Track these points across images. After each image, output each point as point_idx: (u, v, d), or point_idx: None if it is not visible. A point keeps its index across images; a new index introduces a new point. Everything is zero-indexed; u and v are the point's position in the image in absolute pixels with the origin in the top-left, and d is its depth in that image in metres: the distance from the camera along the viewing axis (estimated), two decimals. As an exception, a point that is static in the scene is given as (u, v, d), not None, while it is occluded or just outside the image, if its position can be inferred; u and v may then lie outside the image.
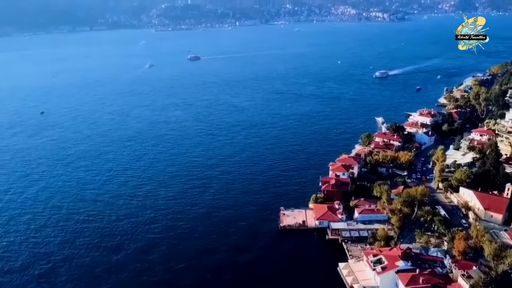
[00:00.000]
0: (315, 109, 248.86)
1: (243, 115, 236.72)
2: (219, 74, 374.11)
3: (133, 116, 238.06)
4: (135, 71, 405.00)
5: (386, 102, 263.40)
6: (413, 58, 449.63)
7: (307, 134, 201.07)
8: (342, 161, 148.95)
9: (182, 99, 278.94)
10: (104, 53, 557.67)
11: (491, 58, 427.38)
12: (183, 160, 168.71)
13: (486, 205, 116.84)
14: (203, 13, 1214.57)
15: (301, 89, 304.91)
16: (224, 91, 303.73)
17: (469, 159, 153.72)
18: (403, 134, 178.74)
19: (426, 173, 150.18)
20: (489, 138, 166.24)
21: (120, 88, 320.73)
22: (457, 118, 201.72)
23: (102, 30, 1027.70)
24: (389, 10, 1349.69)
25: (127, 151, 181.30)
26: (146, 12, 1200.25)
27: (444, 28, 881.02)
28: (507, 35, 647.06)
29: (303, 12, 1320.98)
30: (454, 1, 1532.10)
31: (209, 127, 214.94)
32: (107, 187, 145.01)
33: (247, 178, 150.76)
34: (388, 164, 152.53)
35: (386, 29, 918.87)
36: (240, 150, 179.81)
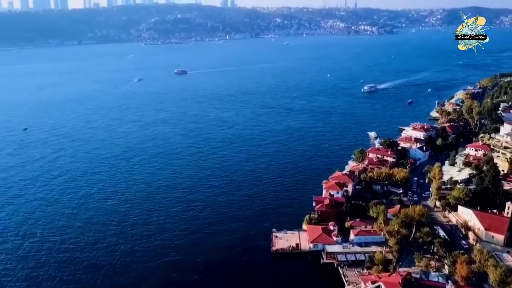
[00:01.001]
0: (306, 124, 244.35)
1: (233, 130, 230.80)
2: (208, 88, 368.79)
3: (119, 132, 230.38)
4: (123, 85, 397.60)
5: (378, 116, 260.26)
6: (403, 71, 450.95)
7: (298, 150, 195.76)
8: (335, 178, 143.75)
9: (170, 114, 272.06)
10: (92, 67, 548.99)
11: (480, 71, 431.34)
12: (169, 181, 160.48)
13: (486, 225, 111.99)
14: (193, 27, 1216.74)
15: (292, 103, 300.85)
16: (213, 105, 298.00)
17: (465, 175, 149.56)
18: (397, 150, 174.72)
19: (422, 191, 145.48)
20: (484, 153, 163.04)
21: (107, 103, 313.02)
22: (450, 132, 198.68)
23: (91, 44, 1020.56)
24: (377, 23, 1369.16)
25: (111, 170, 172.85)
26: (136, 26, 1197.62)
27: (431, 41, 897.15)
28: (494, 48, 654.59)
29: (293, 25, 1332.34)
30: (440, 15, 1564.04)
31: (198, 143, 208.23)
32: (88, 211, 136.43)
33: (237, 199, 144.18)
34: (383, 181, 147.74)
35: (375, 42, 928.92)
36: (229, 168, 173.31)
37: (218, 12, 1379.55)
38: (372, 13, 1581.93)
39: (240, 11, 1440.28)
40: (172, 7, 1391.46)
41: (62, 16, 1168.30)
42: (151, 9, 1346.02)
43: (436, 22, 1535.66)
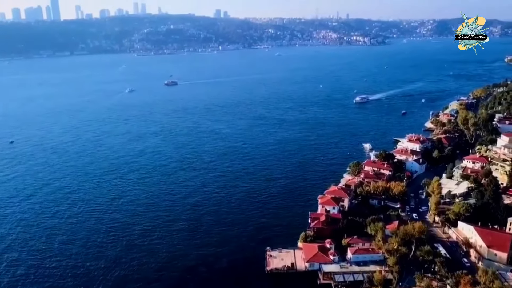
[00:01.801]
0: (300, 135, 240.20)
1: (225, 143, 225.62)
2: (200, 100, 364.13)
3: (108, 145, 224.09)
4: (114, 96, 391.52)
5: (372, 127, 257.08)
6: (396, 81, 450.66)
7: (293, 162, 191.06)
8: (331, 193, 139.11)
9: (161, 126, 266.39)
10: (83, 78, 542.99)
11: (472, 81, 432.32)
12: (159, 198, 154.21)
13: (488, 242, 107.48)
14: (186, 38, 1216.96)
15: (285, 115, 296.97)
16: (205, 117, 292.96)
17: (464, 188, 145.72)
18: (393, 162, 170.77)
19: (419, 205, 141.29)
20: (482, 165, 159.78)
21: (97, 115, 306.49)
22: (446, 144, 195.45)
23: (83, 55, 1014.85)
24: (369, 34, 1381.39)
25: (98, 187, 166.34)
26: (128, 37, 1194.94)
27: (423, 51, 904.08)
28: (485, 59, 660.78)
29: (286, 36, 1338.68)
30: (431, 26, 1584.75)
31: (189, 157, 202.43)
32: (69, 230, 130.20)
33: (229, 215, 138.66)
34: (380, 195, 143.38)
35: (367, 52, 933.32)
36: (222, 183, 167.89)
37: (211, 23, 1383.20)
38: (364, 23, 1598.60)
39: (233, 22, 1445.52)
40: (165, 18, 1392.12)
41: (54, 27, 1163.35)
42: (144, 20, 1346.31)
43: (427, 33, 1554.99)
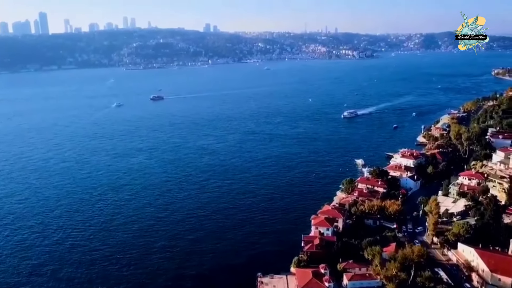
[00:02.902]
0: (291, 150, 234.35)
1: (214, 159, 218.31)
2: (188, 114, 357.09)
3: (91, 163, 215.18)
4: (100, 111, 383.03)
5: (364, 142, 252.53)
6: (386, 95, 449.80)
7: (284, 180, 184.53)
8: (324, 213, 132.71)
9: (147, 143, 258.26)
10: (69, 93, 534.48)
11: (461, 95, 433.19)
12: (143, 219, 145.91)
13: (492, 266, 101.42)
14: (175, 52, 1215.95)
15: (275, 129, 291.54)
16: (193, 132, 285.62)
17: (461, 207, 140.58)
18: (387, 179, 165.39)
19: (416, 225, 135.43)
20: (478, 182, 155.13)
21: (81, 131, 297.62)
22: (440, 159, 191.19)
23: (71, 69, 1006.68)
24: (358, 48, 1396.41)
25: (79, 207, 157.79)
26: (117, 51, 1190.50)
27: (411, 64, 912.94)
28: (473, 72, 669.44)
29: (275, 50, 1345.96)
30: (418, 40, 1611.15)
31: (176, 174, 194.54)
32: (44, 259, 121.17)
33: (217, 237, 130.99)
34: (375, 215, 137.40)
35: (356, 66, 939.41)
36: (210, 202, 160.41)
37: (200, 37, 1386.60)
38: (353, 37, 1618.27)
39: (222, 36, 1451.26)
40: (155, 32, 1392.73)
41: (42, 41, 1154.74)
42: (133, 34, 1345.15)
43: (414, 46, 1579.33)
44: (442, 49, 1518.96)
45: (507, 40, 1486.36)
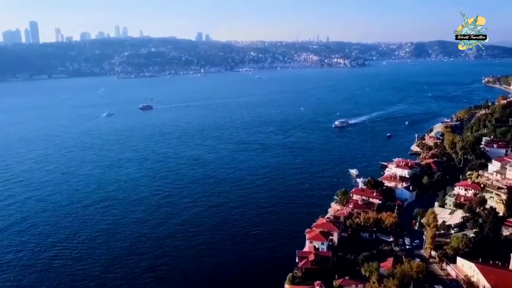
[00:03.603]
0: (283, 161, 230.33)
1: (205, 170, 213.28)
2: (179, 124, 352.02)
3: (78, 175, 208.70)
4: (90, 121, 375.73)
5: (357, 151, 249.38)
6: (378, 103, 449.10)
7: (277, 191, 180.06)
8: (319, 226, 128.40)
9: (136, 153, 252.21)
10: (58, 102, 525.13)
11: (453, 103, 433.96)
12: (130, 234, 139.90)
13: (493, 282, 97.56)
14: (167, 60, 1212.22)
15: (267, 139, 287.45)
16: (184, 142, 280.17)
17: (458, 218, 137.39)
18: (383, 190, 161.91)
19: (413, 238, 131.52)
20: (475, 193, 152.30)
21: (69, 141, 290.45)
22: (435, 169, 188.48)
23: (62, 78, 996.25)
24: (349, 56, 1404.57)
25: (64, 222, 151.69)
26: (109, 60, 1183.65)
27: (402, 73, 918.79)
28: (463, 80, 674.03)
29: (267, 59, 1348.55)
30: (409, 48, 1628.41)
31: (165, 186, 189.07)
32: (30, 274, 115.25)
33: (207, 254, 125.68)
34: (371, 228, 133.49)
35: (348, 74, 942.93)
36: (200, 215, 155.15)
37: (192, 46, 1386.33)
38: (344, 46, 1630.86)
39: (214, 45, 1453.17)
40: (147, 41, 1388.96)
41: (32, 50, 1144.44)
42: (125, 43, 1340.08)
43: (405, 55, 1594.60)
44: (432, 58, 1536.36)
45: (495, 48, 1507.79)
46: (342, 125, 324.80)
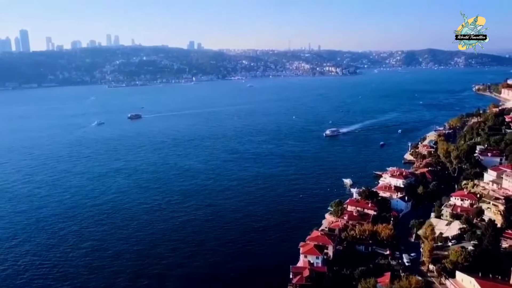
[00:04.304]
0: (276, 171, 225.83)
1: (196, 181, 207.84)
2: (169, 133, 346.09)
3: (64, 187, 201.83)
4: (77, 131, 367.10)
5: (351, 160, 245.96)
6: (370, 111, 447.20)
7: (270, 203, 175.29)
8: (313, 239, 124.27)
9: (125, 163, 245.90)
10: (47, 111, 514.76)
11: (445, 111, 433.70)
12: (118, 255, 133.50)
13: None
14: (159, 69, 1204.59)
15: (259, 148, 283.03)
16: (174, 152, 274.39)
17: (456, 230, 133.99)
18: (378, 201, 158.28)
19: (409, 251, 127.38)
20: (471, 203, 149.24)
21: (56, 151, 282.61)
22: (430, 178, 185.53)
23: (51, 87, 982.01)
24: (341, 64, 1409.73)
25: (47, 237, 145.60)
26: (100, 68, 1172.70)
27: (393, 81, 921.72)
28: (454, 88, 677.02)
29: (259, 67, 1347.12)
30: (400, 57, 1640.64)
31: (155, 198, 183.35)
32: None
33: (198, 269, 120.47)
34: (367, 240, 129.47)
35: (340, 82, 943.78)
36: (190, 229, 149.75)
37: (184, 54, 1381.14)
38: (335, 54, 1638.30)
39: (206, 53, 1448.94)
40: (138, 50, 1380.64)
41: (22, 58, 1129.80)
42: (116, 51, 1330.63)
43: (396, 63, 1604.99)
44: (423, 66, 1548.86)
45: (484, 57, 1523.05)
46: (333, 134, 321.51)
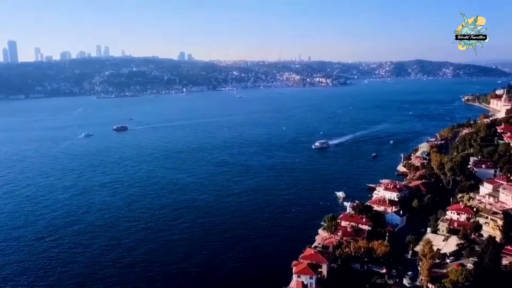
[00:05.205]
0: (267, 183, 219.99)
1: (184, 195, 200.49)
2: (157, 145, 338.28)
3: (46, 203, 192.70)
4: (63, 143, 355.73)
5: (343, 172, 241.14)
6: (361, 122, 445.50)
7: (261, 218, 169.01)
8: (307, 258, 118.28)
9: (110, 177, 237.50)
10: (32, 123, 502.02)
11: (435, 122, 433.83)
12: (102, 275, 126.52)
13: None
14: (149, 80, 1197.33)
15: (250, 160, 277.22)
16: (162, 165, 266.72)
17: (453, 246, 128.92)
18: (372, 215, 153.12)
19: (406, 269, 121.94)
20: (468, 217, 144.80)
21: (39, 165, 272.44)
22: (424, 191, 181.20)
23: (39, 98, 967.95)
24: (331, 75, 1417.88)
25: (30, 255, 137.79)
26: (89, 79, 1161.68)
27: (383, 91, 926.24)
28: (443, 99, 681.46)
29: (250, 78, 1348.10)
30: (389, 67, 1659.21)
31: (142, 214, 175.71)
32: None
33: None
34: (362, 258, 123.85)
35: (330, 93, 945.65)
36: (177, 246, 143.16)
37: (174, 65, 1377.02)
38: (326, 65, 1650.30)
39: (197, 64, 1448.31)
40: (128, 61, 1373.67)
41: (9, 69, 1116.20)
42: (106, 62, 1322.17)
43: (386, 74, 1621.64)
44: (412, 77, 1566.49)
45: (472, 67, 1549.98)
46: (322, 146, 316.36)
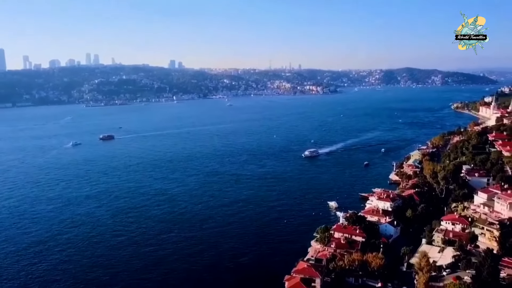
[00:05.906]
0: (258, 193, 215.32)
1: (173, 207, 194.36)
2: (145, 154, 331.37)
3: (30, 216, 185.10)
4: (49, 153, 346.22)
5: (335, 181, 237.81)
6: (352, 130, 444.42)
7: (252, 230, 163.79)
8: (300, 272, 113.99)
9: (97, 188, 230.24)
10: (17, 132, 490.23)
11: (426, 129, 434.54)
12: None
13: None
14: (139, 88, 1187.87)
15: (240, 169, 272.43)
16: (150, 175, 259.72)
17: (449, 258, 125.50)
18: (365, 226, 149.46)
19: (401, 283, 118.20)
20: (463, 227, 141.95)
21: (22, 176, 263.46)
22: (418, 200, 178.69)
23: (27, 107, 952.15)
24: (321, 83, 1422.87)
25: (11, 271, 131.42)
26: (78, 87, 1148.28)
27: (373, 99, 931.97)
28: (433, 106, 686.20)
29: (241, 86, 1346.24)
30: (379, 75, 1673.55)
31: (129, 227, 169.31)
32: None
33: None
34: (356, 271, 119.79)
35: (320, 101, 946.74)
36: (165, 261, 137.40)
37: (165, 73, 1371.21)
38: (316, 73, 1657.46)
39: (187, 72, 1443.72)
40: (118, 69, 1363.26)
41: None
42: (96, 70, 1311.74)
43: (375, 82, 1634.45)
44: (401, 84, 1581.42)
45: (460, 75, 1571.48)
46: (312, 154, 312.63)
